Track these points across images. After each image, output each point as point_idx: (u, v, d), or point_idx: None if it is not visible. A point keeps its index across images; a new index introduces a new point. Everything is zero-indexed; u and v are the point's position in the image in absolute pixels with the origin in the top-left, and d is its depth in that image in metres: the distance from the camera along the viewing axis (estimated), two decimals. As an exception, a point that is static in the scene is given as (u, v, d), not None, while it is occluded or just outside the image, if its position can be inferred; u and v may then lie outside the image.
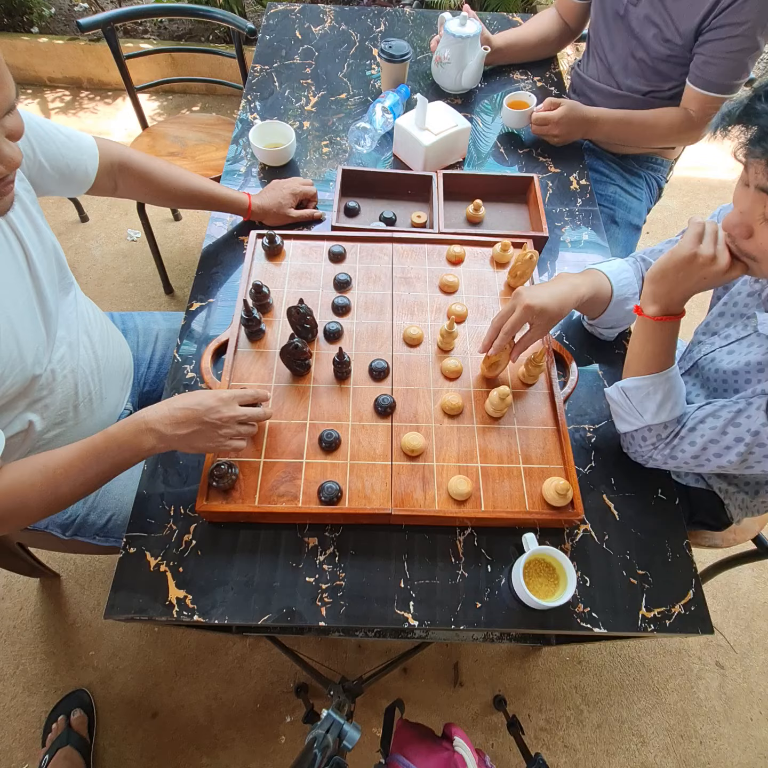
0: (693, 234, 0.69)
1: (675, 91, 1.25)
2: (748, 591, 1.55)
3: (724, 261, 0.67)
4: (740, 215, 0.65)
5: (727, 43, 1.09)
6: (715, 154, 2.52)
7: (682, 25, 1.14)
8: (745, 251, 0.66)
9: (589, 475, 0.86)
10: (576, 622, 0.74)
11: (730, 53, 1.10)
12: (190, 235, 2.19)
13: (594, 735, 1.34)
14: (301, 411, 0.85)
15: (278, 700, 1.34)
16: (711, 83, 1.15)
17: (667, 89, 1.25)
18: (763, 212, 0.61)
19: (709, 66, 1.13)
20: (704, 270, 0.68)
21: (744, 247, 0.66)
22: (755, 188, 0.61)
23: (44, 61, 2.54)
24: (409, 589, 0.75)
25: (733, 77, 1.14)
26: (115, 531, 0.97)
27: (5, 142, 0.61)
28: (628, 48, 1.25)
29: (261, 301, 0.93)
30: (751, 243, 0.65)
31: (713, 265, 0.68)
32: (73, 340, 0.87)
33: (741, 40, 1.08)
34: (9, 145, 0.61)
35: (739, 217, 0.65)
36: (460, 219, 1.14)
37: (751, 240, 0.65)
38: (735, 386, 0.80)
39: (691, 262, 0.69)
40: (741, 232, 0.65)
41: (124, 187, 0.97)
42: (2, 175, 0.62)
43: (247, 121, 1.31)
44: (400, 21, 1.59)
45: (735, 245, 0.67)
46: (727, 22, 1.07)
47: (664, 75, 1.23)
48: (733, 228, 0.66)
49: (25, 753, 1.27)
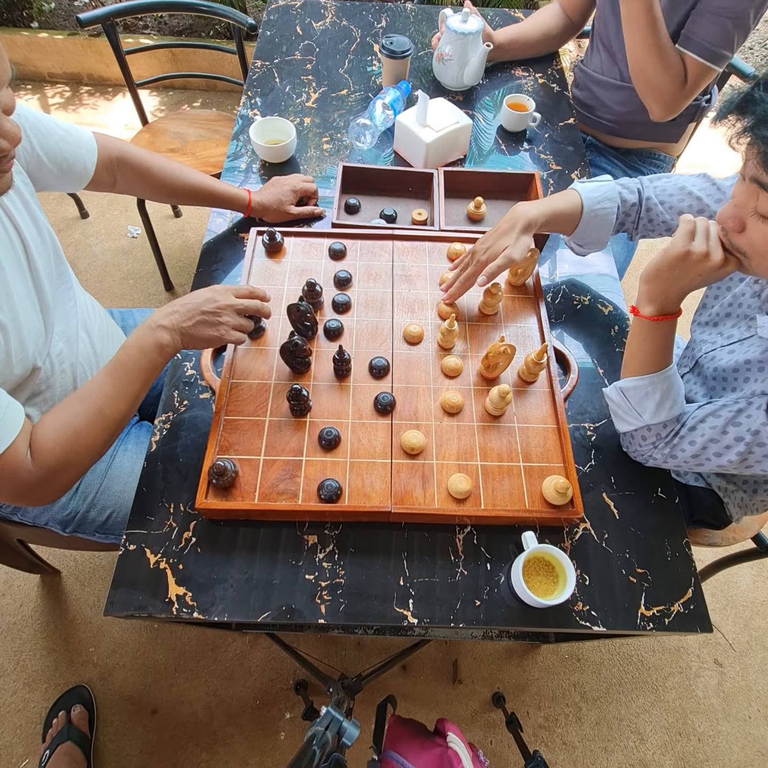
0: (684, 231, 0.69)
1: None
2: (747, 589, 1.55)
3: (718, 256, 0.67)
4: (734, 208, 0.65)
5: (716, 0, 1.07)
6: (717, 151, 2.51)
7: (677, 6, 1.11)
8: (736, 246, 0.66)
9: (589, 473, 0.86)
10: (575, 621, 0.75)
11: (717, 13, 1.07)
12: (190, 231, 2.18)
13: (592, 732, 1.35)
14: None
15: (277, 697, 1.34)
16: (695, 44, 1.12)
17: None
18: (755, 205, 0.61)
19: (695, 25, 1.11)
20: (698, 266, 0.68)
21: (736, 241, 0.66)
22: (749, 179, 0.60)
23: (44, 57, 2.53)
24: (408, 587, 0.75)
25: (718, 43, 1.10)
26: (115, 528, 0.97)
27: (4, 118, 0.60)
28: None
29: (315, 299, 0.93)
30: (742, 238, 0.65)
31: (707, 261, 0.67)
32: (71, 334, 0.86)
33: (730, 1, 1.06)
34: (8, 120, 0.61)
35: (733, 209, 0.65)
36: (461, 216, 1.14)
37: (743, 234, 0.65)
38: (734, 384, 0.80)
39: (684, 259, 0.68)
40: (734, 225, 0.65)
41: (123, 182, 0.97)
42: (6, 151, 0.62)
43: (248, 117, 1.30)
44: (401, 17, 1.59)
45: (728, 239, 0.67)
46: None
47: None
48: (726, 221, 0.65)
49: (26, 749, 1.27)
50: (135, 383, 0.73)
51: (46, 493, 0.70)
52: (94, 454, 0.72)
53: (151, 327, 0.74)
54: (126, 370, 0.73)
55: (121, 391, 0.72)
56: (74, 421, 0.70)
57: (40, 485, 0.68)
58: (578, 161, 1.28)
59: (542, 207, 0.89)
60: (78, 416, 0.70)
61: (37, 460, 0.67)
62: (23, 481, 0.67)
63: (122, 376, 0.73)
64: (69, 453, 0.69)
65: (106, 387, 0.72)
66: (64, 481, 0.71)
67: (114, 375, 0.73)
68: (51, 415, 0.70)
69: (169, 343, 0.75)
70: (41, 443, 0.68)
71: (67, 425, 0.69)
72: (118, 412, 0.73)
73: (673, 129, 1.40)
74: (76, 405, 0.71)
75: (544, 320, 0.94)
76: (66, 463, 0.69)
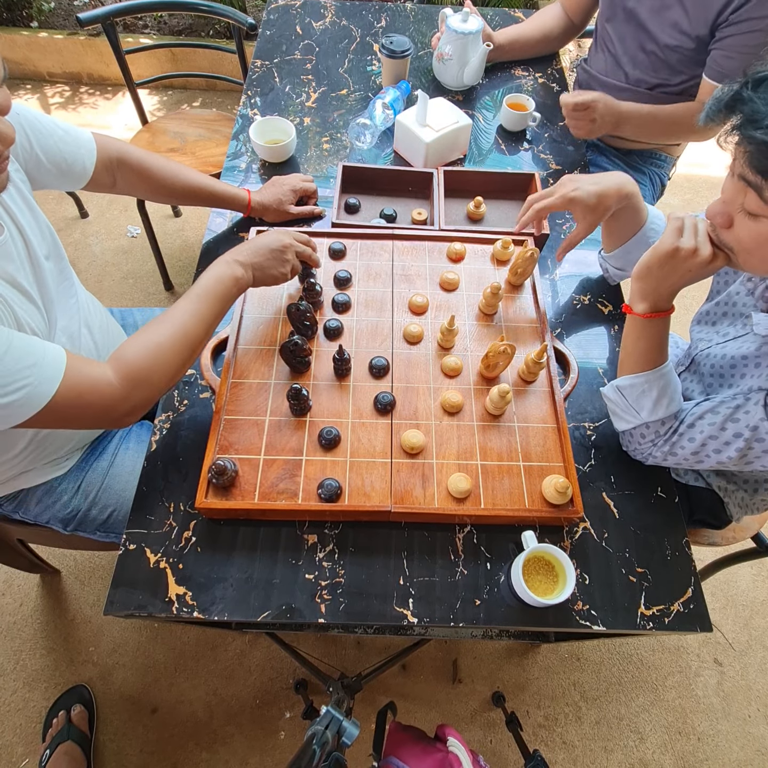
0: (673, 228, 0.70)
1: (684, 86, 1.23)
2: (747, 589, 1.55)
3: (707, 252, 0.68)
4: (722, 204, 0.65)
5: (748, 37, 1.07)
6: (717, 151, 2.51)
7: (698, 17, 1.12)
8: (724, 242, 0.67)
9: (589, 473, 0.86)
10: (575, 620, 0.75)
11: (751, 47, 1.08)
12: (190, 231, 2.18)
13: (592, 732, 1.35)
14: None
15: (277, 696, 1.34)
16: (722, 77, 1.13)
17: (676, 84, 1.24)
18: (742, 202, 0.61)
19: (728, 60, 1.12)
20: (687, 262, 0.69)
21: (723, 237, 0.67)
22: (737, 177, 0.61)
23: (44, 56, 2.53)
24: (408, 586, 0.75)
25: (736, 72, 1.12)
26: (115, 526, 0.97)
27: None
28: (638, 40, 1.24)
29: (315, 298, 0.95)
30: (730, 234, 0.66)
31: (695, 257, 0.68)
32: (74, 330, 0.87)
33: (762, 35, 1.06)
34: (2, 121, 0.61)
35: (721, 205, 0.65)
36: (460, 216, 1.14)
37: (730, 230, 0.65)
38: (730, 381, 0.80)
39: (673, 256, 0.69)
40: (722, 221, 0.65)
41: (123, 182, 0.96)
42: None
43: (248, 116, 1.30)
44: (401, 16, 1.59)
45: (716, 235, 0.68)
46: (749, 16, 1.05)
47: (674, 68, 1.21)
48: (715, 216, 0.66)
49: (26, 748, 1.27)
50: (213, 308, 0.78)
51: (130, 407, 0.71)
52: (173, 372, 0.74)
53: (227, 261, 0.81)
54: (205, 295, 0.77)
55: (201, 313, 0.76)
56: (156, 337, 0.73)
57: (125, 398, 0.70)
58: (578, 161, 1.28)
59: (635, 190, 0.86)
60: (160, 333, 0.73)
61: (119, 371, 0.69)
62: (106, 394, 0.68)
63: (202, 299, 0.77)
64: (151, 365, 0.71)
65: (186, 307, 0.76)
66: (145, 394, 0.72)
67: (194, 299, 0.77)
68: (135, 335, 0.73)
69: (243, 275, 0.81)
70: (124, 356, 0.71)
71: (150, 340, 0.72)
72: (197, 333, 0.76)
73: None
74: (158, 324, 0.74)
75: (544, 320, 0.94)
76: (147, 376, 0.71)
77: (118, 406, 0.70)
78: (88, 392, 0.67)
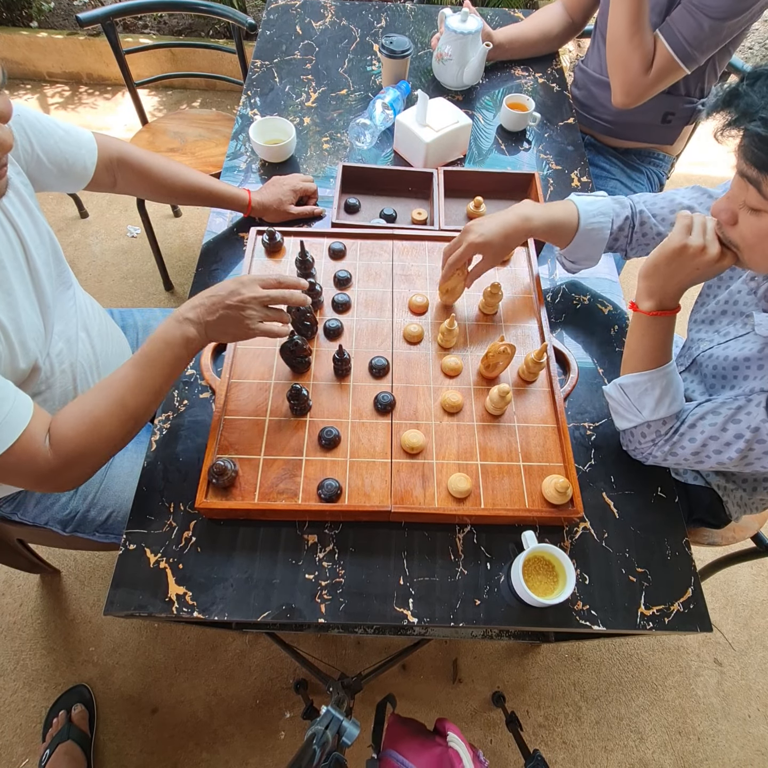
0: (682, 226, 0.70)
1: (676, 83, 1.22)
2: (747, 588, 1.55)
3: (715, 250, 0.68)
4: (727, 200, 0.66)
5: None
6: (717, 150, 2.51)
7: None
8: (729, 239, 0.67)
9: (589, 473, 0.86)
10: (575, 620, 0.75)
11: (699, 8, 1.06)
12: (190, 231, 2.18)
13: (592, 731, 1.35)
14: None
15: (278, 696, 1.34)
16: (671, 33, 1.11)
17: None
18: (745, 198, 0.62)
19: (677, 14, 1.10)
20: (695, 260, 0.69)
21: (729, 234, 0.67)
22: (738, 173, 0.61)
23: (43, 56, 2.53)
24: (408, 586, 0.75)
25: (690, 39, 1.09)
26: (115, 527, 0.97)
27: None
28: None
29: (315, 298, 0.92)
30: (735, 230, 0.66)
31: (704, 255, 0.68)
32: (71, 335, 0.86)
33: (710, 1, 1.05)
34: (1, 128, 0.61)
35: (725, 202, 0.66)
36: (460, 216, 1.14)
37: (735, 227, 0.66)
38: (733, 382, 0.80)
39: (681, 253, 0.69)
40: (727, 217, 0.66)
41: (123, 182, 0.97)
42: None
43: (247, 116, 1.30)
44: (401, 16, 1.59)
45: (722, 233, 0.68)
46: None
47: None
48: (719, 213, 0.67)
49: (26, 748, 1.27)
50: (159, 376, 0.72)
51: (65, 481, 0.71)
52: (113, 445, 0.72)
53: (177, 319, 0.73)
54: (150, 362, 0.72)
55: (144, 382, 0.71)
56: (95, 411, 0.69)
57: (59, 473, 0.68)
58: (578, 161, 1.28)
59: (544, 216, 0.89)
60: (99, 406, 0.70)
61: (56, 447, 0.67)
62: (41, 468, 0.67)
63: (146, 367, 0.72)
64: (88, 442, 0.69)
65: (128, 378, 0.71)
66: (82, 469, 0.71)
67: (138, 366, 0.72)
68: (72, 405, 0.70)
69: (195, 336, 0.73)
70: (61, 431, 0.68)
71: (88, 414, 0.69)
72: (140, 404, 0.72)
73: (668, 131, 1.40)
74: (97, 395, 0.70)
75: (544, 320, 0.94)
76: (85, 452, 0.69)
77: (53, 478, 0.69)
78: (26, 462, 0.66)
